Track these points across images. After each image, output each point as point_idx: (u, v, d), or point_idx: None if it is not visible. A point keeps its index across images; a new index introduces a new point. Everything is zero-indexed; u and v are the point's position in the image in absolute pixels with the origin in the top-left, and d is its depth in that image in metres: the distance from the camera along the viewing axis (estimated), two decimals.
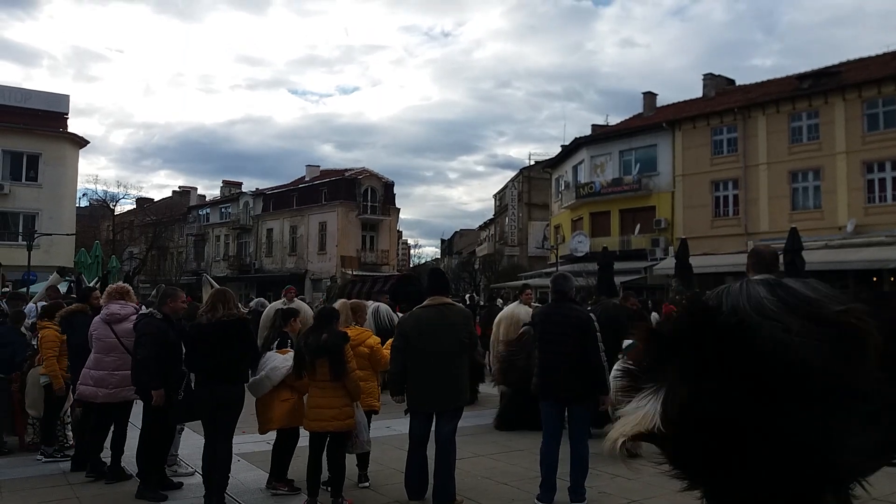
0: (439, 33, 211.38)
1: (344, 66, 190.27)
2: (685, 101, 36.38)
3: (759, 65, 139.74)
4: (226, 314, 5.71)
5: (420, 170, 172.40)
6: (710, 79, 35.71)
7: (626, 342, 7.74)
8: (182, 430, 6.91)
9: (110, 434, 6.76)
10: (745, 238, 29.09)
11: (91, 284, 12.43)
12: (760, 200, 29.34)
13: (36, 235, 29.89)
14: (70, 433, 7.78)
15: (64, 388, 7.32)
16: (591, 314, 6.07)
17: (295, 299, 12.75)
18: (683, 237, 24.20)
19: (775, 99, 29.38)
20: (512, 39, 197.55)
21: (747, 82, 35.30)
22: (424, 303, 6.22)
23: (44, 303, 9.57)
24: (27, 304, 10.49)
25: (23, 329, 8.37)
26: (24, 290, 16.49)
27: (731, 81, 36.40)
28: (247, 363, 5.92)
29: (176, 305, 6.51)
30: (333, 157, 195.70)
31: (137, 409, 6.41)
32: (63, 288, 17.97)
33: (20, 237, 31.94)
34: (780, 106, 29.14)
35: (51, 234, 31.48)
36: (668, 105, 37.51)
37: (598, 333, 5.83)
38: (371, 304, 11.27)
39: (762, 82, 33.73)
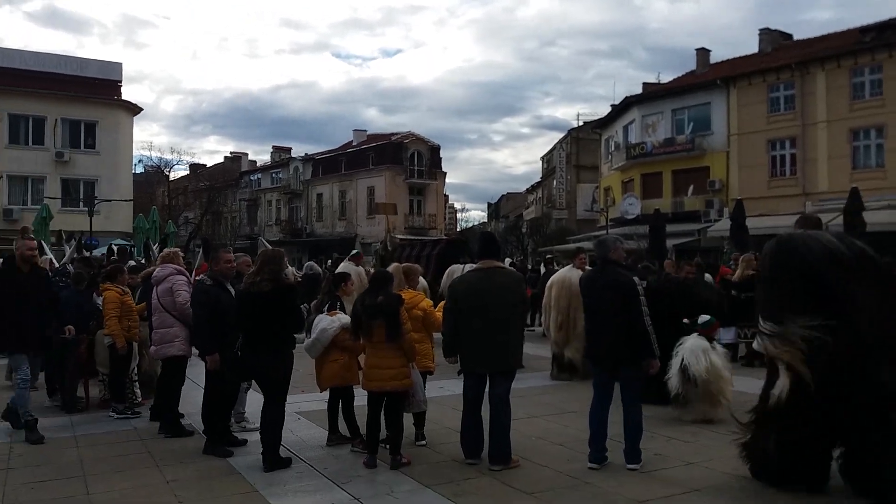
0: None
1: (386, 28, 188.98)
2: (740, 58, 35.22)
3: (815, 18, 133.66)
4: (268, 280, 5.83)
5: (464, 133, 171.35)
6: (766, 34, 34.46)
7: (703, 318, 7.52)
8: (248, 387, 7.16)
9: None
10: (802, 198, 28.32)
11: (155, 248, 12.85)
12: (819, 160, 28.43)
13: (96, 201, 30.88)
14: (138, 391, 8.17)
15: (126, 347, 7.66)
16: (636, 278, 6.02)
17: (350, 262, 13.12)
18: (738, 198, 23.69)
19: (836, 54, 28.24)
20: None
21: (805, 37, 34.00)
22: (475, 266, 6.30)
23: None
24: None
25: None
26: (88, 254, 17.11)
27: (789, 36, 35.07)
28: (289, 331, 5.98)
29: (221, 268, 6.69)
30: (378, 121, 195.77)
31: (200, 368, 6.68)
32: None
33: (81, 203, 33.02)
34: (840, 61, 28.01)
35: (110, 200, 32.46)
36: (722, 62, 36.38)
37: (643, 297, 5.78)
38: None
39: (821, 36, 32.42)
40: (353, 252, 14.64)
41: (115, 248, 21.89)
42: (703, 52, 36.98)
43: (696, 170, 32.57)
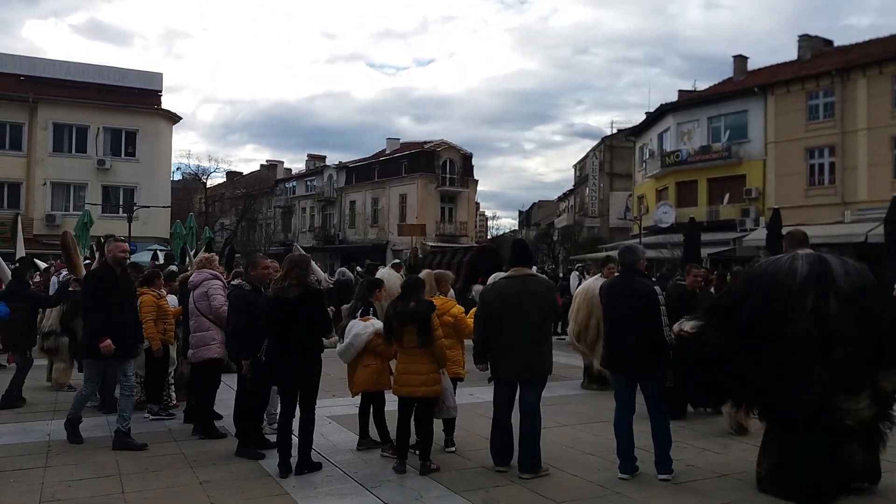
0: (515, 1, 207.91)
1: (420, 37, 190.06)
2: (779, 65, 34.67)
3: (856, 23, 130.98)
4: (295, 286, 5.88)
5: (496, 141, 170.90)
6: (805, 40, 33.88)
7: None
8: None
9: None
10: (841, 208, 27.76)
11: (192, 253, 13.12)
12: (859, 168, 27.83)
13: (135, 208, 31.51)
14: (174, 393, 8.33)
15: (161, 349, 7.79)
16: (657, 287, 5.96)
17: (386, 269, 13.42)
18: (775, 207, 23.28)
19: (877, 60, 27.66)
20: (589, 4, 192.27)
21: (845, 43, 33.34)
22: (507, 273, 6.31)
23: None
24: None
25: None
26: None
27: (829, 42, 34.44)
28: (316, 336, 6.01)
29: (258, 273, 6.80)
30: (411, 129, 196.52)
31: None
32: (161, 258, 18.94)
33: (121, 209, 33.74)
34: (882, 67, 27.43)
35: (148, 207, 33.09)
36: (759, 69, 35.85)
37: (663, 307, 5.73)
38: None
39: (862, 42, 31.76)
40: (395, 261, 15.04)
41: (159, 254, 22.27)
42: (740, 59, 36.51)
43: (732, 178, 32.12)
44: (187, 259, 14.56)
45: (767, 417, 5.57)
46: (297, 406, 5.97)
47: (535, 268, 19.70)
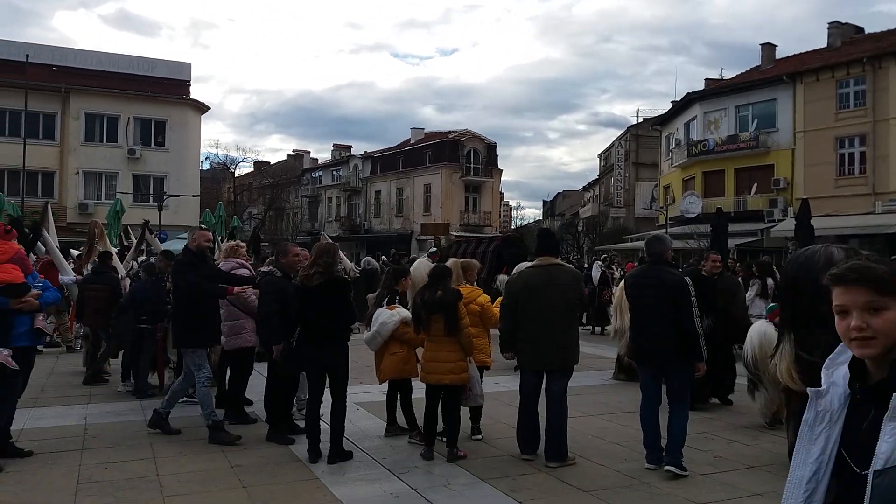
0: None
1: (443, 26, 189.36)
2: (807, 53, 34.05)
3: (884, 10, 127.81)
4: (321, 273, 5.96)
5: (519, 130, 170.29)
6: (835, 27, 33.19)
7: (770, 304, 7.84)
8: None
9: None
10: (871, 198, 27.31)
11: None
12: (891, 157, 27.29)
13: (165, 197, 31.97)
14: None
15: None
16: (687, 278, 5.93)
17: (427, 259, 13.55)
18: (804, 197, 22.96)
19: None
20: None
21: (876, 30, 32.62)
22: (533, 262, 6.34)
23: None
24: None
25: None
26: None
27: (860, 30, 33.72)
28: (342, 323, 6.06)
29: (289, 260, 6.90)
30: (434, 119, 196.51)
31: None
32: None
33: (151, 198, 34.22)
34: None
35: (178, 196, 33.52)
36: (788, 57, 35.24)
37: (694, 298, 5.67)
38: None
39: (894, 29, 31.05)
40: (432, 250, 15.16)
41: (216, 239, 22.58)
42: (768, 47, 35.91)
43: (760, 168, 31.70)
44: (215, 247, 14.76)
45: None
46: (326, 392, 6.07)
47: (560, 257, 19.75)
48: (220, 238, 17.04)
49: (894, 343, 1.61)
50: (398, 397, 6.77)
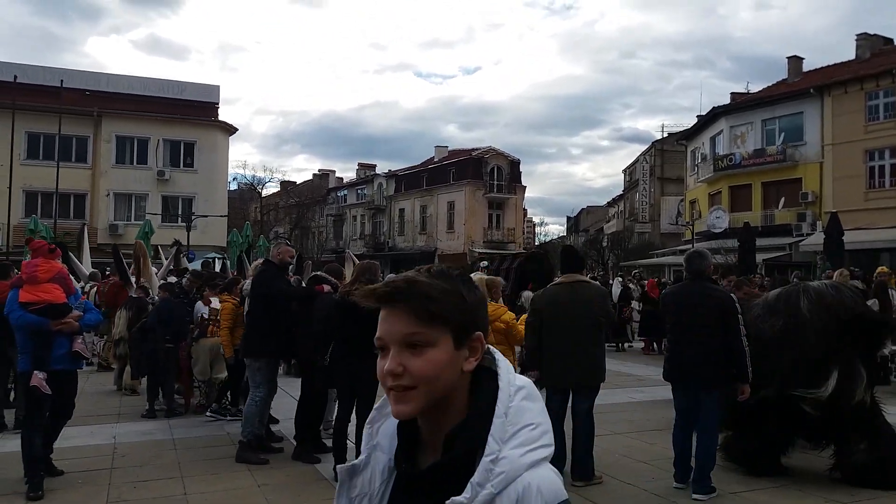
0: (561, 6, 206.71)
1: (466, 45, 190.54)
2: (835, 65, 33.69)
3: None
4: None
5: (542, 147, 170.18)
6: (864, 39, 32.84)
7: None
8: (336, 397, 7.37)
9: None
10: None
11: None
12: None
13: (193, 217, 32.40)
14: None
15: (233, 356, 7.75)
16: (734, 295, 5.84)
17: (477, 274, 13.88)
18: (833, 211, 22.66)
19: None
20: (637, 8, 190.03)
21: None
22: (558, 280, 6.31)
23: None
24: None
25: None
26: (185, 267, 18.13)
27: (889, 41, 33.32)
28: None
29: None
30: (457, 137, 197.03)
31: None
32: (217, 265, 19.50)
33: (179, 219, 34.70)
34: None
35: (206, 216, 33.96)
36: (815, 69, 34.90)
37: (741, 316, 5.51)
38: None
39: None
40: (483, 264, 15.50)
41: (210, 262, 22.89)
42: (795, 60, 35.61)
43: (788, 182, 31.30)
44: (245, 267, 14.94)
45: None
46: (347, 410, 6.09)
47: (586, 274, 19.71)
48: (241, 254, 17.33)
49: (443, 400, 1.14)
50: None
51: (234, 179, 54.68)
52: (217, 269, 18.01)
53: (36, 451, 5.53)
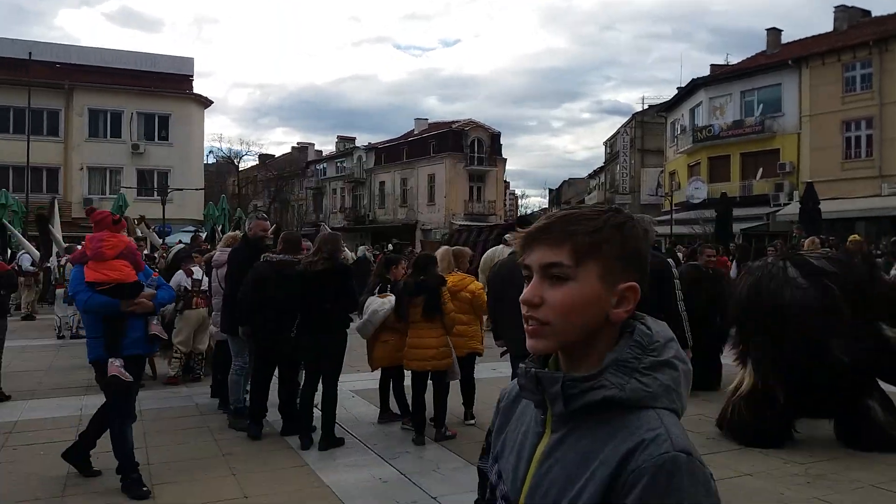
0: None
1: (445, 18, 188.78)
2: (813, 37, 33.74)
3: None
4: (325, 260, 5.94)
5: (523, 120, 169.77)
6: (841, 11, 32.86)
7: None
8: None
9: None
10: (878, 181, 27.10)
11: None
12: None
13: (169, 191, 32.04)
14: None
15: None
16: (670, 260, 5.84)
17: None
18: (810, 181, 22.83)
19: None
20: None
21: (882, 13, 32.26)
22: (511, 249, 6.33)
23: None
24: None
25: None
26: (161, 241, 17.97)
27: (867, 13, 33.36)
28: (343, 311, 6.06)
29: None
30: (438, 109, 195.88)
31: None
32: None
33: (155, 192, 34.32)
34: None
35: (182, 189, 33.60)
36: (794, 41, 34.93)
37: (677, 281, 5.54)
38: None
39: None
40: (507, 236, 15.18)
41: (198, 235, 22.70)
42: (773, 32, 35.59)
43: (766, 152, 31.48)
44: (217, 239, 14.81)
45: None
46: (310, 383, 6.09)
47: None
48: (219, 228, 17.13)
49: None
50: (391, 384, 6.78)
51: (210, 153, 54.06)
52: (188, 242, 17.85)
53: (130, 446, 5.03)
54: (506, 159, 52.80)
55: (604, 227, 1.09)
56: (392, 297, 6.62)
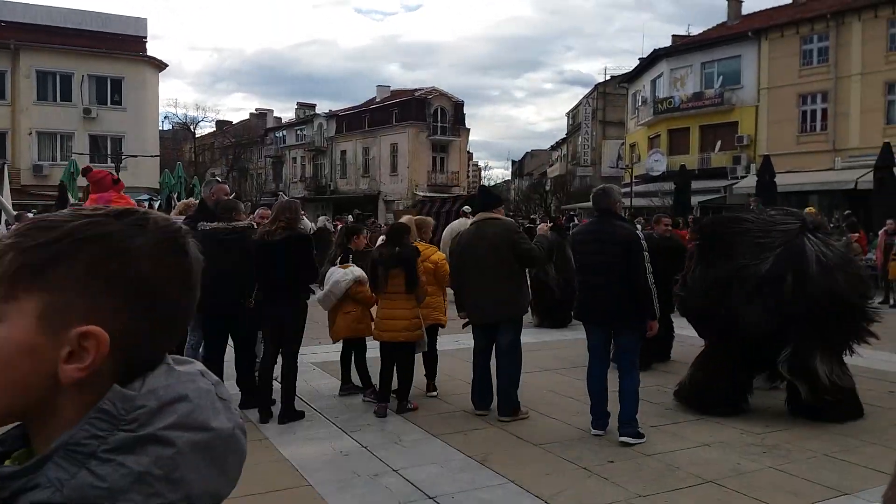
0: None
1: None
2: (773, 9, 34.06)
3: None
4: (283, 229, 5.82)
5: (486, 89, 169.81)
6: None
7: None
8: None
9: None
10: (832, 155, 27.69)
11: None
12: (851, 114, 27.60)
13: (123, 157, 31.19)
14: None
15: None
16: (639, 232, 5.85)
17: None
18: (766, 154, 23.24)
19: (873, 3, 27.10)
20: None
21: None
22: (471, 220, 6.34)
23: None
24: None
25: None
26: None
27: None
28: (303, 281, 5.94)
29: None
30: (400, 76, 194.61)
31: None
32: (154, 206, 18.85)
33: (108, 159, 33.35)
34: (878, 10, 26.95)
35: (136, 156, 32.72)
36: (754, 13, 35.26)
37: (646, 253, 5.41)
38: None
39: None
40: (465, 208, 14.84)
41: (154, 204, 22.18)
42: (734, 3, 35.83)
43: (725, 125, 31.87)
44: (172, 207, 14.48)
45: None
46: (271, 354, 5.99)
47: (533, 216, 19.55)
48: (175, 196, 16.74)
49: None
50: (352, 356, 6.72)
51: (165, 118, 52.71)
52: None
53: None
54: (469, 129, 52.60)
55: (62, 240, 0.75)
56: (354, 268, 6.54)
